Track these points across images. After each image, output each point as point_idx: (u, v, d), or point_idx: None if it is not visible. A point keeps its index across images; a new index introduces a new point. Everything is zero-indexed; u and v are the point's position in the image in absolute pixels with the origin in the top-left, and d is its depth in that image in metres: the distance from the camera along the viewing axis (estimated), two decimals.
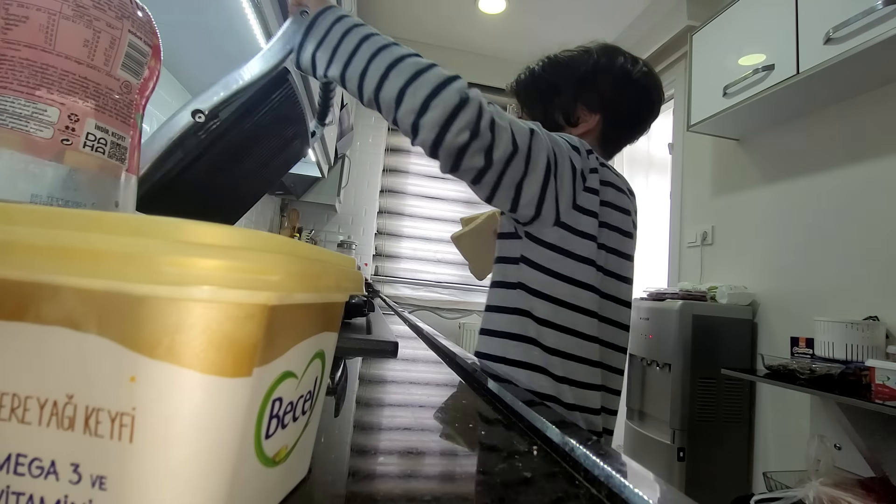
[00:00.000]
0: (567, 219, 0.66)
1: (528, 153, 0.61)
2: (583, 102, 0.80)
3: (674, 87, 2.47)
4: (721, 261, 2.05)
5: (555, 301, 0.66)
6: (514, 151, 0.59)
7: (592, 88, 0.80)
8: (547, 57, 0.85)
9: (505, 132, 0.59)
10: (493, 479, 0.24)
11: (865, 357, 1.27)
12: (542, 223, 0.66)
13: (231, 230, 0.13)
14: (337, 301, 0.20)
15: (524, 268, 0.68)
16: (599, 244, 0.68)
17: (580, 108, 0.81)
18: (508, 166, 0.59)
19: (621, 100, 0.80)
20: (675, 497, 0.21)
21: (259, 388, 0.14)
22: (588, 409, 0.67)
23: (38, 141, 0.26)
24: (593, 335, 0.68)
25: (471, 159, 0.57)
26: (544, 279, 0.67)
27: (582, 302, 0.67)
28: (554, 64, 0.84)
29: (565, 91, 0.81)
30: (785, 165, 1.78)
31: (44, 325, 0.12)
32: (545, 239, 0.67)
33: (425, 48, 3.09)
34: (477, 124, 0.56)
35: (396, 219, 3.11)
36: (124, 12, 0.29)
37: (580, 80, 0.80)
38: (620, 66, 0.80)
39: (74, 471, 0.12)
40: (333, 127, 1.98)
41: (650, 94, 0.82)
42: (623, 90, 0.80)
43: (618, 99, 0.80)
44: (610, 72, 0.80)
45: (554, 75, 0.83)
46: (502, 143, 0.58)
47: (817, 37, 1.37)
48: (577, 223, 0.67)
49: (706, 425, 1.70)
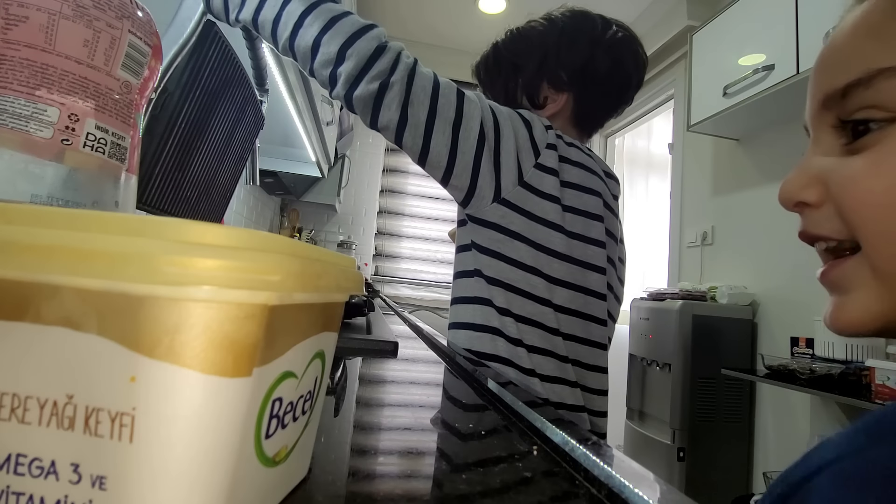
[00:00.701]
0: (513, 197, 0.60)
1: (456, 112, 0.56)
2: (548, 81, 0.72)
3: (674, 87, 2.47)
4: (721, 261, 2.05)
5: (509, 288, 0.62)
6: (432, 105, 0.55)
7: (558, 64, 0.71)
8: (509, 30, 0.76)
9: (425, 82, 0.55)
10: (494, 479, 0.24)
11: (865, 357, 1.27)
12: (479, 200, 0.60)
13: (231, 230, 0.13)
14: (337, 301, 0.20)
15: (477, 254, 0.63)
16: (560, 228, 0.62)
17: (545, 87, 0.72)
18: (433, 126, 0.55)
19: (593, 72, 0.71)
20: (675, 497, 0.21)
21: (259, 389, 0.14)
22: (564, 405, 0.63)
23: (38, 141, 0.26)
24: (554, 326, 0.62)
25: (387, 112, 0.54)
26: (498, 265, 0.62)
27: (537, 290, 0.61)
28: (515, 38, 0.75)
29: (527, 68, 0.72)
30: (785, 165, 1.78)
31: (44, 325, 0.12)
32: (488, 219, 0.62)
33: (425, 48, 3.09)
34: (390, 74, 0.53)
35: (396, 219, 3.11)
36: (124, 12, 0.29)
37: (544, 56, 0.71)
38: (589, 33, 0.71)
39: (74, 471, 0.12)
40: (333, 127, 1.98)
41: (624, 63, 0.72)
42: (593, 61, 0.70)
43: (588, 72, 0.71)
44: (577, 41, 0.71)
45: (514, 51, 0.74)
46: (420, 95, 0.54)
47: (817, 37, 1.37)
48: (525, 203, 0.61)
49: (706, 425, 1.70)
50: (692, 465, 1.67)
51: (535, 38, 0.73)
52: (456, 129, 0.56)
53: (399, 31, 3.02)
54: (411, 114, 0.55)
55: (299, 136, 1.56)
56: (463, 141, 0.57)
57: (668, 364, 1.75)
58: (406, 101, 0.54)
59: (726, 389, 1.72)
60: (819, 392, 1.21)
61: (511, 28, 0.76)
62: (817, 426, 1.51)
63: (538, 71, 0.72)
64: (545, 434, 0.30)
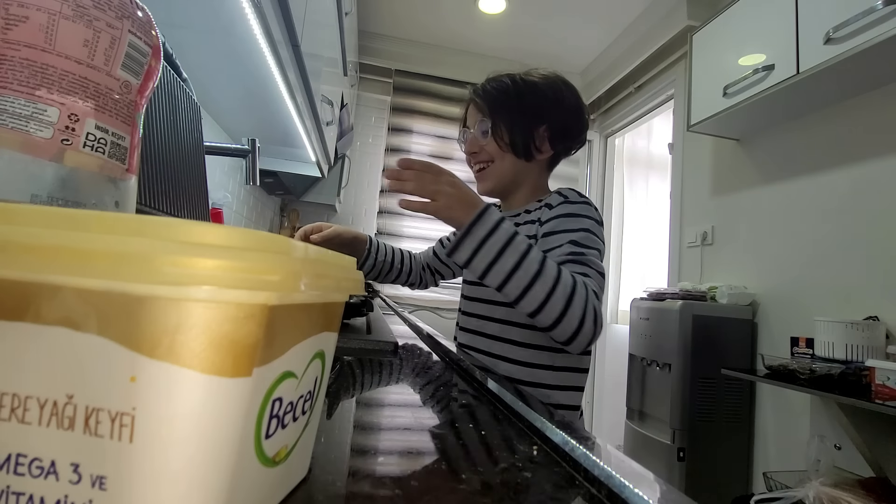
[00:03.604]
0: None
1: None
2: (550, 135, 0.86)
3: (674, 87, 2.47)
4: (721, 261, 2.05)
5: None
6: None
7: (557, 122, 0.86)
8: (526, 79, 0.87)
9: (599, 315, 0.68)
10: (494, 479, 0.24)
11: (865, 357, 1.27)
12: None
13: (231, 230, 0.13)
14: (337, 301, 0.20)
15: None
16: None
17: (545, 140, 0.86)
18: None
19: (578, 133, 0.89)
20: (675, 497, 0.21)
21: (259, 389, 0.14)
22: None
23: (38, 141, 0.26)
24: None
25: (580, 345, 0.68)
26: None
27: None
28: (533, 89, 0.86)
29: (542, 121, 0.85)
30: (785, 165, 1.78)
31: (44, 325, 0.12)
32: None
33: (425, 48, 3.09)
34: (593, 333, 0.66)
35: (396, 219, 3.10)
36: (124, 12, 0.29)
37: (550, 112, 0.85)
38: (569, 97, 0.87)
39: (74, 471, 0.12)
40: (333, 127, 1.98)
41: (585, 115, 0.90)
42: (577, 122, 0.88)
43: (572, 130, 0.88)
44: (580, 112, 0.88)
45: (535, 104, 0.85)
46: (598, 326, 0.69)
47: (817, 37, 1.37)
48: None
49: (706, 425, 1.70)
50: (692, 465, 1.67)
51: (548, 93, 0.86)
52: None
53: (399, 31, 3.02)
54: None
55: (299, 136, 1.56)
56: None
57: (668, 364, 1.75)
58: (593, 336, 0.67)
59: (726, 389, 1.73)
60: (819, 392, 1.21)
61: (525, 76, 0.88)
62: (817, 426, 1.51)
63: (549, 124, 0.86)
64: (545, 434, 0.30)
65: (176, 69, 0.75)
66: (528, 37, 2.91)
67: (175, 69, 0.75)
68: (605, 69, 3.00)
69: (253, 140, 1.09)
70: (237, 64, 1.04)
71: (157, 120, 0.64)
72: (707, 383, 1.70)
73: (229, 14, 0.82)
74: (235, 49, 0.96)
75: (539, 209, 0.84)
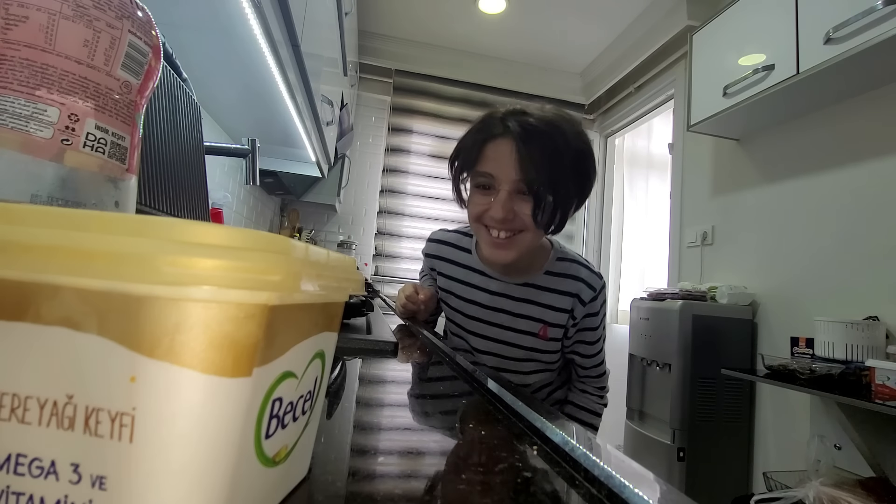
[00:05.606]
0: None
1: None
2: (576, 208, 0.78)
3: (674, 87, 2.47)
4: (721, 261, 2.05)
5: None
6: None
7: (588, 193, 0.78)
8: (581, 149, 0.75)
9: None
10: (494, 479, 0.24)
11: (865, 357, 1.27)
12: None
13: (231, 230, 0.13)
14: (337, 301, 0.20)
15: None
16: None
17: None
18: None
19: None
20: (675, 497, 0.21)
21: (259, 389, 0.14)
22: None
23: (38, 141, 0.26)
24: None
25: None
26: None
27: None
28: (583, 157, 0.75)
29: (584, 199, 0.77)
30: (785, 165, 1.78)
31: (44, 325, 0.12)
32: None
33: (425, 48, 3.09)
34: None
35: (396, 219, 3.10)
36: (124, 12, 0.29)
37: (589, 186, 0.77)
38: (592, 160, 0.77)
39: (74, 471, 0.12)
40: (333, 127, 1.98)
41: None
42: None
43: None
44: (591, 178, 0.77)
45: (586, 182, 0.76)
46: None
47: (817, 37, 1.37)
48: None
49: (706, 425, 1.70)
50: (692, 465, 1.67)
51: (594, 165, 0.77)
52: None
53: (399, 31, 3.02)
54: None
55: (299, 136, 1.56)
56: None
57: (668, 364, 1.75)
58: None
59: (726, 389, 1.72)
60: (819, 392, 1.21)
61: (575, 137, 0.74)
62: (817, 426, 1.51)
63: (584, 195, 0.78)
64: (545, 434, 0.30)
65: (176, 69, 0.76)
66: (528, 37, 2.91)
67: (175, 69, 0.75)
68: (605, 69, 3.00)
69: (253, 140, 1.09)
70: (237, 64, 1.04)
71: (157, 120, 0.64)
72: (707, 383, 1.70)
73: (229, 14, 0.82)
74: (235, 49, 0.96)
75: (566, 295, 0.84)
